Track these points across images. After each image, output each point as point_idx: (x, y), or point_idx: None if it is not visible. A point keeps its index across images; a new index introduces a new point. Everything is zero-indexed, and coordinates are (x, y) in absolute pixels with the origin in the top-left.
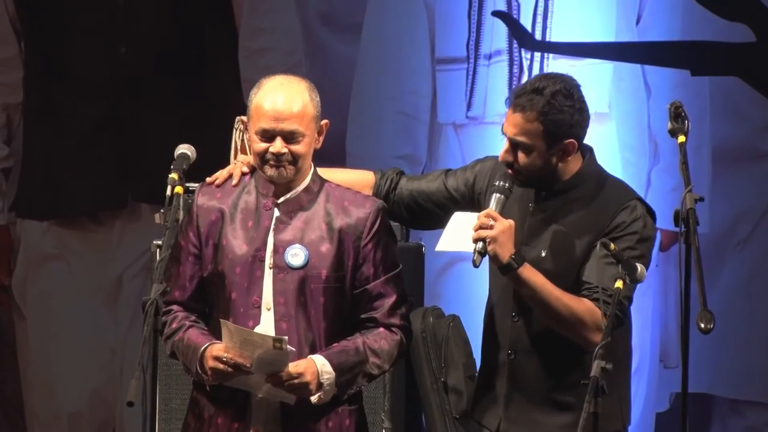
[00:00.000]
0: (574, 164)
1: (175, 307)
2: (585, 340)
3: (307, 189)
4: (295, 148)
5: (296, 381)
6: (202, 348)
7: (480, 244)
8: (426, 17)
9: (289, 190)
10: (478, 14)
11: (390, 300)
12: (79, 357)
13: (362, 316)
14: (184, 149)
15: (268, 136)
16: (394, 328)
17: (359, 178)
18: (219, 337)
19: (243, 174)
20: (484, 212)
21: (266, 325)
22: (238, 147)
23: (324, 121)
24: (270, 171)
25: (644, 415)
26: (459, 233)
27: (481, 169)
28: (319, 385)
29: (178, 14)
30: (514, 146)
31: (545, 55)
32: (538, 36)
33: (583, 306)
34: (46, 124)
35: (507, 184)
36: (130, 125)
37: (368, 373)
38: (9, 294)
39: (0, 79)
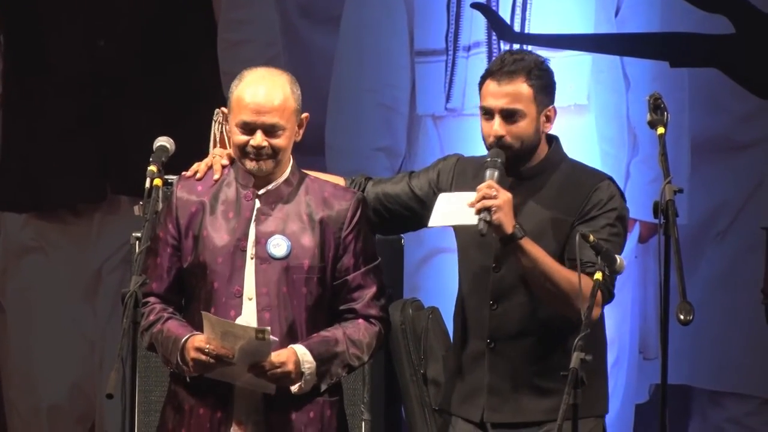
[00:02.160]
0: (541, 148)
1: (152, 299)
2: (578, 311)
3: (287, 181)
4: (276, 141)
5: (278, 370)
6: (183, 339)
7: (484, 213)
8: (405, 9)
9: (269, 181)
10: (457, 6)
11: (370, 291)
12: (58, 349)
13: (341, 307)
14: (163, 141)
15: (248, 129)
16: (373, 320)
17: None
18: (198, 329)
19: (223, 167)
20: (485, 184)
21: (248, 315)
22: (217, 139)
23: (304, 114)
24: (250, 164)
25: (623, 407)
26: (451, 209)
27: (443, 166)
28: (300, 375)
29: (157, 7)
30: (505, 117)
31: (524, 46)
32: (517, 28)
33: (582, 279)
34: (25, 116)
35: (499, 159)
36: (109, 118)
37: (347, 363)
38: None
39: None
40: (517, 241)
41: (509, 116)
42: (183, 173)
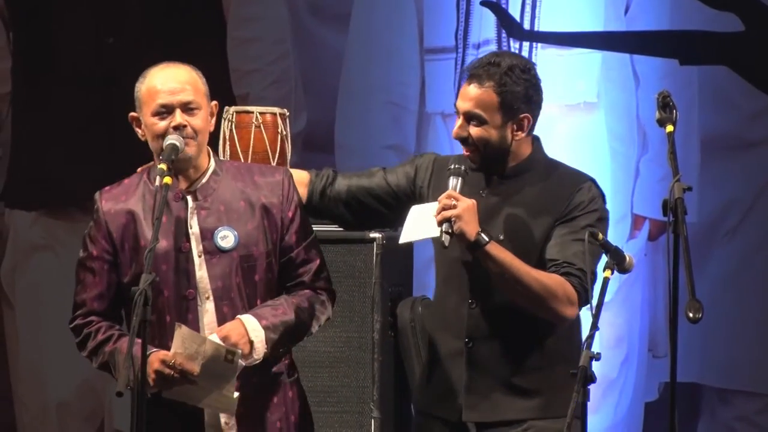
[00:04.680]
0: (525, 148)
1: (95, 318)
2: (556, 313)
3: (214, 173)
4: (194, 121)
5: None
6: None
7: (446, 225)
8: (414, 7)
9: (191, 178)
10: (466, 4)
11: (314, 265)
12: (67, 347)
13: (289, 284)
14: (173, 140)
15: (166, 111)
16: (320, 291)
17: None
18: (153, 339)
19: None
20: (445, 194)
21: (209, 315)
22: (227, 137)
23: (214, 102)
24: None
25: (633, 405)
26: (419, 223)
27: (420, 163)
28: (249, 343)
29: (166, 4)
30: (468, 120)
31: (534, 44)
32: (526, 25)
33: (553, 279)
34: (34, 114)
35: (462, 167)
36: (118, 115)
37: (296, 332)
38: None
39: None
40: (483, 247)
41: (471, 120)
42: (103, 188)
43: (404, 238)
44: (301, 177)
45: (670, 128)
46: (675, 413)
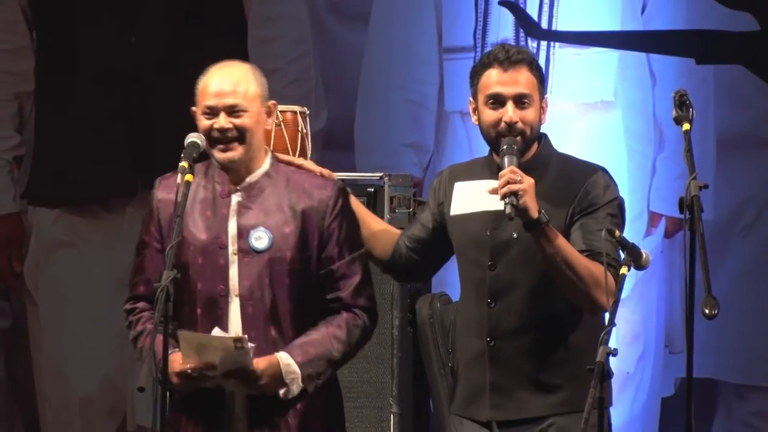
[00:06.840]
0: (531, 146)
1: (140, 305)
2: (594, 302)
3: (266, 174)
4: (239, 122)
5: (260, 382)
6: None
7: (511, 198)
8: (433, 6)
9: (243, 177)
10: (485, 3)
11: (355, 280)
12: (90, 343)
13: (328, 296)
14: (194, 137)
15: (212, 113)
16: (357, 310)
17: (388, 230)
18: (185, 328)
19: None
20: (507, 169)
21: (235, 313)
22: None
23: (271, 102)
24: (219, 154)
25: (649, 401)
26: (470, 197)
27: (436, 184)
28: (283, 383)
29: (187, 4)
30: (516, 103)
31: (551, 43)
32: (544, 25)
33: (598, 269)
34: (57, 112)
35: (515, 146)
36: (140, 113)
37: (333, 361)
38: (21, 281)
39: (12, 68)
40: (542, 225)
41: (520, 102)
42: (165, 174)
43: (456, 210)
44: (393, 235)
45: (686, 126)
46: (692, 409)
